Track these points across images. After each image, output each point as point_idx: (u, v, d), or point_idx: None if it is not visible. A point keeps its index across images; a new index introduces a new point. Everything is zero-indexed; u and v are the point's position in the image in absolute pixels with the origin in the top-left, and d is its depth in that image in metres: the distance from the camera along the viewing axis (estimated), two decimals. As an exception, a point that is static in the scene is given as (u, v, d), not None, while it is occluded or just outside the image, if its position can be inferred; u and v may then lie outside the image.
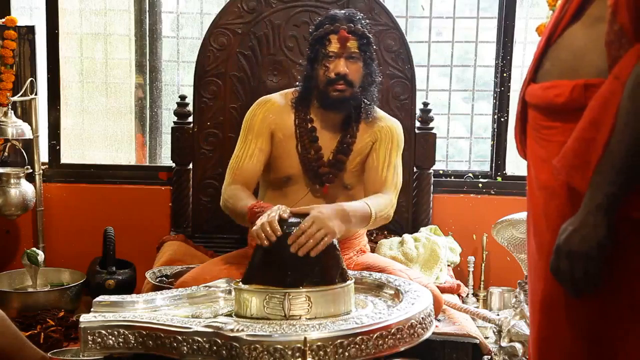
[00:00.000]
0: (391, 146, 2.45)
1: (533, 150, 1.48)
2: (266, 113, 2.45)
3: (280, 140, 2.43)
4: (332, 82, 2.32)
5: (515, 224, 2.81)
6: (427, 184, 3.11)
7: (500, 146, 3.34)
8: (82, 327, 1.83)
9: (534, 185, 1.48)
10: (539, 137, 1.46)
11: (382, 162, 2.43)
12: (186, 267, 2.62)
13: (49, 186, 3.36)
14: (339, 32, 2.30)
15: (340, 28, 2.30)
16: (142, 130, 3.58)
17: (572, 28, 1.40)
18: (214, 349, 1.73)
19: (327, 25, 2.34)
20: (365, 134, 2.45)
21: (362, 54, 2.33)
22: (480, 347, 2.30)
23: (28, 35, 3.26)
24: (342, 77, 2.31)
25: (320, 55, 2.34)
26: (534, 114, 1.48)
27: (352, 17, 2.35)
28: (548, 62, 1.44)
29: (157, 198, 3.32)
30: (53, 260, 3.30)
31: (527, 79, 1.50)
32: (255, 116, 2.45)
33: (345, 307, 1.91)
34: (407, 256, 2.75)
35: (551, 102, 1.40)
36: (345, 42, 2.30)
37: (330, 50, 2.32)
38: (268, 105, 2.46)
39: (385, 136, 2.46)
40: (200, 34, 3.39)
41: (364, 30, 2.34)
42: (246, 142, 2.43)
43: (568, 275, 1.29)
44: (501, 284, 3.19)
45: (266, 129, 2.43)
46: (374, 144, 2.45)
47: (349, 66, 2.32)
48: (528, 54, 3.43)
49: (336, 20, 2.33)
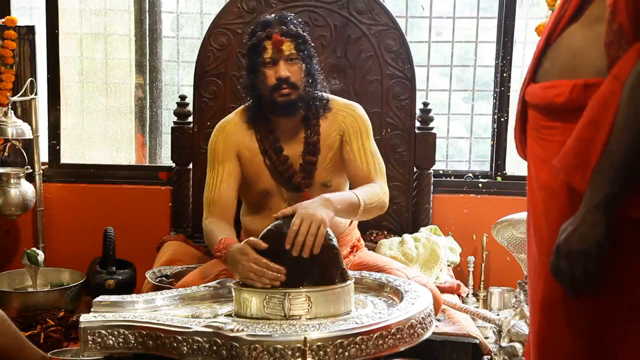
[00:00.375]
0: (360, 133, 2.41)
1: (533, 150, 1.48)
2: (226, 137, 2.41)
3: (248, 159, 2.41)
4: (276, 88, 2.29)
5: (515, 224, 2.81)
6: (427, 184, 3.11)
7: (500, 146, 3.34)
8: (82, 327, 1.83)
9: (534, 185, 1.48)
10: (538, 137, 1.46)
11: (358, 154, 2.39)
12: (186, 267, 2.62)
13: (49, 186, 3.36)
14: (272, 37, 2.27)
15: (273, 33, 2.27)
16: (142, 130, 3.58)
17: (571, 28, 1.40)
18: (214, 349, 1.73)
19: (260, 32, 2.30)
20: (330, 128, 2.41)
21: (299, 53, 2.30)
22: (480, 347, 2.30)
23: (28, 35, 3.26)
24: (285, 80, 2.28)
25: (258, 64, 2.31)
26: (533, 114, 1.48)
27: (284, 19, 2.32)
28: (547, 62, 1.44)
29: (157, 198, 3.32)
30: (53, 260, 3.30)
31: (526, 79, 1.50)
32: (217, 143, 2.42)
33: (345, 307, 1.91)
34: (407, 256, 2.75)
35: (551, 102, 1.40)
36: (280, 46, 2.27)
37: (266, 57, 2.29)
38: (227, 129, 2.43)
39: (351, 125, 2.41)
40: (200, 34, 3.39)
41: (297, 30, 2.31)
42: (214, 171, 2.40)
43: (567, 275, 1.29)
44: (501, 284, 3.19)
45: (230, 152, 2.40)
46: (343, 135, 2.41)
47: (289, 69, 2.29)
48: (528, 54, 3.43)
49: (268, 25, 2.30)
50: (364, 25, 3.00)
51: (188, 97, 3.12)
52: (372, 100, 3.03)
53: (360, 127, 2.42)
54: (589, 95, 1.31)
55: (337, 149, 2.42)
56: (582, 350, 1.37)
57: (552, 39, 1.44)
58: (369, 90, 3.02)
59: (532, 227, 1.49)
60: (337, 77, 3.04)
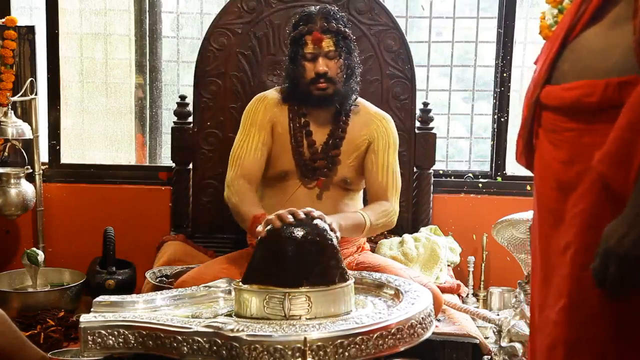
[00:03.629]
0: (388, 148, 2.48)
1: (549, 153, 1.46)
2: (267, 106, 2.48)
3: (280, 135, 2.46)
4: (314, 81, 2.36)
5: (515, 224, 2.80)
6: (427, 184, 3.11)
7: (500, 146, 3.34)
8: (82, 327, 1.83)
9: (548, 187, 1.46)
10: (558, 139, 1.43)
11: (381, 167, 2.46)
12: (186, 267, 2.61)
13: (49, 186, 3.36)
14: (312, 34, 2.33)
15: (314, 29, 2.34)
16: (142, 130, 3.58)
17: (593, 29, 1.39)
18: (214, 349, 1.73)
19: (302, 25, 2.37)
20: (361, 130, 2.47)
21: (338, 50, 2.36)
22: (480, 347, 2.30)
23: (28, 35, 3.26)
24: (323, 75, 2.34)
25: (298, 56, 2.37)
26: (552, 116, 1.45)
27: (327, 14, 2.37)
28: (566, 64, 1.43)
29: (157, 198, 3.32)
30: (53, 260, 3.30)
31: (539, 81, 1.48)
32: (257, 110, 2.47)
33: (345, 307, 1.91)
34: (407, 256, 2.75)
35: (578, 103, 1.37)
36: (320, 43, 2.34)
37: (307, 51, 2.35)
38: (267, 100, 2.49)
39: (382, 136, 2.48)
40: (200, 34, 3.39)
41: (338, 26, 2.37)
42: (249, 135, 2.45)
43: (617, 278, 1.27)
44: (501, 284, 3.19)
45: (268, 123, 2.46)
46: (371, 144, 2.48)
47: (328, 64, 2.35)
48: (528, 54, 3.43)
49: (310, 19, 2.36)
50: (364, 25, 3.00)
51: (188, 97, 3.12)
52: (372, 100, 3.01)
53: (389, 141, 2.49)
54: (624, 93, 1.29)
55: (363, 152, 2.48)
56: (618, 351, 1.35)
57: (570, 40, 1.43)
58: (369, 90, 3.02)
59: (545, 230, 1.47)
60: (337, 77, 3.03)
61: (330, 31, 2.34)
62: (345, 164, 2.47)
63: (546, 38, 1.60)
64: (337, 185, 2.48)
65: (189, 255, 2.84)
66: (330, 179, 2.47)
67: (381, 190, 2.45)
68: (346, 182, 2.48)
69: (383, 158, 2.47)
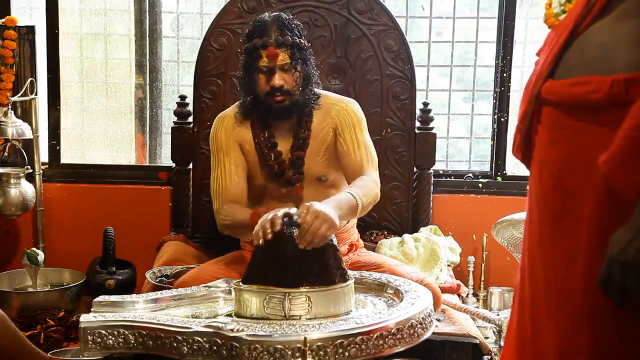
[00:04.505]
0: (353, 126, 2.44)
1: (548, 150, 1.40)
2: (227, 127, 2.45)
3: (248, 152, 2.44)
4: (270, 94, 2.33)
5: (515, 224, 2.81)
6: (427, 184, 3.11)
7: (500, 146, 3.34)
8: (82, 327, 1.83)
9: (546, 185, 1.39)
10: (559, 137, 1.37)
11: (351, 145, 2.42)
12: (186, 267, 2.62)
13: (49, 186, 3.36)
14: (267, 49, 2.29)
15: (268, 44, 2.29)
16: (142, 130, 3.58)
17: (600, 23, 1.32)
18: (214, 349, 1.73)
19: (256, 38, 2.32)
20: (323, 122, 2.45)
21: (294, 62, 2.32)
22: (480, 347, 2.30)
23: (28, 35, 3.26)
24: (278, 89, 2.31)
25: (253, 69, 2.34)
26: (554, 112, 1.38)
27: (281, 26, 2.32)
28: (572, 57, 1.36)
29: (157, 198, 3.32)
30: (53, 260, 3.30)
31: (542, 74, 1.41)
32: (219, 134, 2.45)
33: (345, 307, 1.91)
34: (407, 256, 2.75)
35: (582, 99, 1.30)
36: (276, 58, 2.30)
37: (262, 65, 2.32)
38: (227, 120, 2.46)
39: (344, 118, 2.45)
40: (200, 34, 3.39)
41: (293, 39, 2.32)
42: (220, 163, 2.42)
43: (620, 287, 1.22)
44: (501, 284, 3.19)
45: (233, 142, 2.43)
46: (337, 129, 2.44)
47: (284, 77, 2.32)
48: (528, 54, 3.43)
49: (265, 32, 2.31)
50: (364, 25, 3.00)
51: (188, 97, 3.12)
52: (372, 100, 3.03)
53: (353, 120, 2.45)
54: (631, 91, 1.23)
55: (331, 142, 2.45)
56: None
57: (578, 32, 1.35)
58: (369, 90, 3.02)
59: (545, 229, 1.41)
60: (337, 77, 3.04)
61: (285, 44, 2.30)
62: (316, 162, 2.44)
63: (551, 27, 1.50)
64: (315, 184, 2.44)
65: (189, 255, 2.84)
66: (308, 180, 2.44)
67: (357, 167, 2.40)
68: (322, 179, 2.46)
69: (351, 137, 2.43)
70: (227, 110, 2.52)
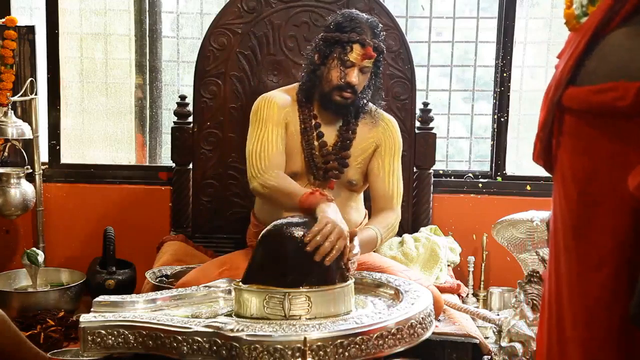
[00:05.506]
0: (394, 153, 2.50)
1: (571, 161, 1.33)
2: (279, 104, 2.44)
3: (291, 134, 2.44)
4: (340, 88, 2.35)
5: (515, 224, 2.80)
6: (427, 184, 3.11)
7: (500, 146, 3.34)
8: (82, 327, 1.84)
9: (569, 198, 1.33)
10: (583, 146, 1.30)
11: (388, 173, 2.48)
12: (186, 267, 2.62)
13: (49, 186, 3.36)
14: (365, 47, 2.31)
15: (367, 43, 2.32)
16: (142, 130, 3.58)
17: (626, 28, 1.26)
18: (214, 349, 1.73)
19: (351, 32, 2.32)
20: (369, 133, 2.48)
21: (374, 68, 2.39)
22: (480, 347, 2.30)
23: (28, 35, 3.26)
24: (351, 86, 2.34)
25: (335, 58, 2.35)
26: (576, 120, 1.31)
27: (374, 29, 2.36)
28: (594, 62, 1.29)
29: (157, 198, 3.32)
30: (53, 260, 3.30)
31: (562, 81, 1.34)
32: (271, 107, 2.42)
33: (345, 307, 1.91)
34: (407, 256, 2.75)
35: (609, 107, 1.23)
36: (370, 58, 2.33)
37: (349, 58, 2.32)
38: (277, 99, 2.46)
39: (388, 140, 2.50)
40: (200, 34, 3.39)
41: (381, 47, 2.38)
42: (267, 129, 2.38)
43: None
44: (501, 284, 3.19)
45: (283, 120, 2.43)
46: (378, 148, 2.49)
47: (360, 77, 2.35)
48: (528, 54, 3.43)
49: (362, 29, 2.33)
50: (364, 25, 3.00)
51: (188, 97, 3.12)
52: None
53: (395, 146, 2.51)
54: None
55: (369, 155, 2.49)
56: None
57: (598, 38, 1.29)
58: (369, 90, 3.01)
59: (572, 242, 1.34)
60: (337, 77, 3.03)
61: (376, 49, 2.35)
62: (352, 166, 2.48)
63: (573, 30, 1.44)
64: (343, 186, 2.48)
65: (189, 255, 2.84)
66: (338, 182, 2.47)
67: (388, 198, 2.46)
68: (352, 184, 2.49)
69: (390, 164, 2.48)
70: (272, 92, 2.52)
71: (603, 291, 1.27)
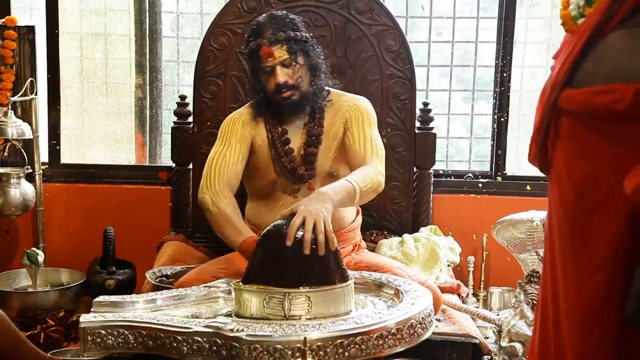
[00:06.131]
0: (362, 120, 2.45)
1: (567, 164, 1.32)
2: (244, 122, 2.47)
3: (260, 147, 2.46)
4: (277, 92, 2.35)
5: (515, 224, 2.80)
6: (427, 184, 3.11)
7: (500, 146, 3.34)
8: (82, 327, 1.83)
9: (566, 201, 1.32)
10: (579, 149, 1.29)
11: (357, 138, 2.42)
12: (186, 267, 2.62)
13: (49, 186, 3.36)
14: (262, 47, 2.31)
15: (262, 44, 2.31)
16: (142, 130, 3.58)
17: (623, 31, 1.25)
18: (214, 349, 1.73)
19: (252, 40, 2.35)
20: (335, 117, 2.47)
21: (293, 56, 2.33)
22: (480, 347, 2.30)
23: (28, 35, 3.26)
24: (283, 85, 2.33)
25: (257, 70, 2.37)
26: (572, 122, 1.30)
27: (274, 24, 2.34)
28: (591, 63, 1.27)
29: (157, 198, 3.32)
30: (53, 260, 3.30)
31: (558, 83, 1.33)
32: (236, 123, 2.47)
33: (345, 307, 1.91)
34: (407, 256, 2.75)
35: (606, 109, 1.22)
36: (271, 56, 2.31)
37: (263, 65, 2.33)
38: (243, 116, 2.49)
39: (354, 113, 2.46)
40: (200, 34, 3.39)
41: (287, 33, 2.33)
42: (230, 145, 2.43)
43: None
44: (501, 284, 3.19)
45: (247, 136, 2.45)
46: (346, 123, 2.45)
47: (286, 72, 2.33)
48: (528, 54, 3.43)
49: (259, 33, 2.33)
50: (364, 25, 3.00)
51: (188, 97, 3.12)
52: (372, 100, 2.99)
53: (362, 115, 2.46)
54: None
55: (341, 138, 2.46)
56: None
57: (597, 38, 1.27)
58: (369, 90, 3.02)
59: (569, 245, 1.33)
60: (337, 77, 3.02)
61: (279, 40, 2.31)
62: (328, 157, 2.46)
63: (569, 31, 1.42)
64: (326, 179, 2.44)
65: (189, 255, 2.84)
66: (319, 176, 2.46)
67: (360, 157, 2.39)
68: (333, 175, 2.46)
69: (358, 131, 2.43)
70: (240, 109, 2.55)
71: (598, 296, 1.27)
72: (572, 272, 1.32)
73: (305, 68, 2.37)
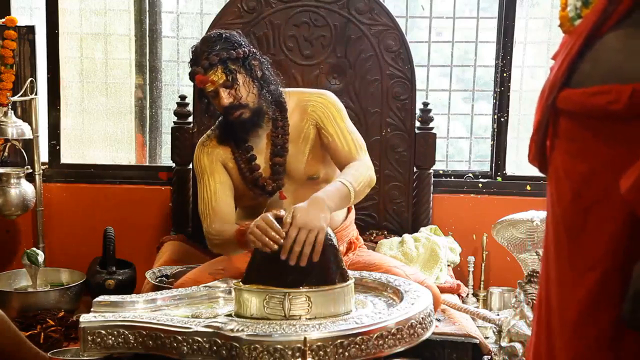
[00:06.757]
0: (333, 116, 2.40)
1: (565, 164, 1.32)
2: (209, 150, 2.42)
3: (231, 170, 2.42)
4: (226, 114, 2.32)
5: (515, 224, 2.81)
6: (427, 184, 3.11)
7: (500, 146, 3.34)
8: (82, 327, 1.84)
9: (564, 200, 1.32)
10: (577, 149, 1.29)
11: (335, 135, 2.38)
12: (186, 267, 2.61)
13: (49, 186, 3.36)
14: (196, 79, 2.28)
15: (196, 72, 2.27)
16: (142, 130, 3.58)
17: (620, 31, 1.24)
18: (214, 349, 1.73)
19: (190, 71, 2.32)
20: (301, 119, 2.41)
21: (231, 76, 2.26)
22: (480, 347, 2.30)
23: (28, 35, 3.26)
24: (230, 107, 2.28)
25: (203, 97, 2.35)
26: (570, 123, 1.30)
27: (206, 48, 2.27)
28: (588, 64, 1.27)
29: (157, 198, 3.32)
30: (53, 260, 3.30)
31: (556, 83, 1.33)
32: (201, 157, 2.43)
33: (345, 307, 1.91)
34: (407, 256, 2.75)
35: (603, 110, 1.21)
36: (207, 84, 2.27)
37: (207, 91, 2.30)
38: (206, 144, 2.44)
39: (322, 111, 2.40)
40: (200, 34, 3.39)
41: (220, 55, 2.26)
42: (205, 185, 2.40)
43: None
44: (501, 284, 3.19)
45: (217, 163, 2.41)
46: (317, 123, 2.40)
47: (229, 93, 2.27)
48: (528, 54, 3.43)
49: (195, 60, 2.29)
50: (364, 25, 3.00)
51: (188, 97, 3.12)
52: (372, 100, 3.03)
53: (331, 110, 2.41)
54: None
55: (314, 139, 2.41)
56: None
57: (594, 38, 1.27)
58: (369, 90, 3.02)
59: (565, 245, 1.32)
60: (337, 77, 3.04)
61: (213, 65, 2.25)
62: (303, 162, 2.41)
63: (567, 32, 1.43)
64: (308, 186, 2.40)
65: (189, 255, 2.84)
66: (300, 182, 2.42)
67: (347, 155, 2.36)
68: (314, 178, 2.43)
69: (334, 128, 2.38)
70: (205, 135, 2.50)
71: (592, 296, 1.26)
72: (566, 272, 1.32)
73: (249, 82, 2.30)
